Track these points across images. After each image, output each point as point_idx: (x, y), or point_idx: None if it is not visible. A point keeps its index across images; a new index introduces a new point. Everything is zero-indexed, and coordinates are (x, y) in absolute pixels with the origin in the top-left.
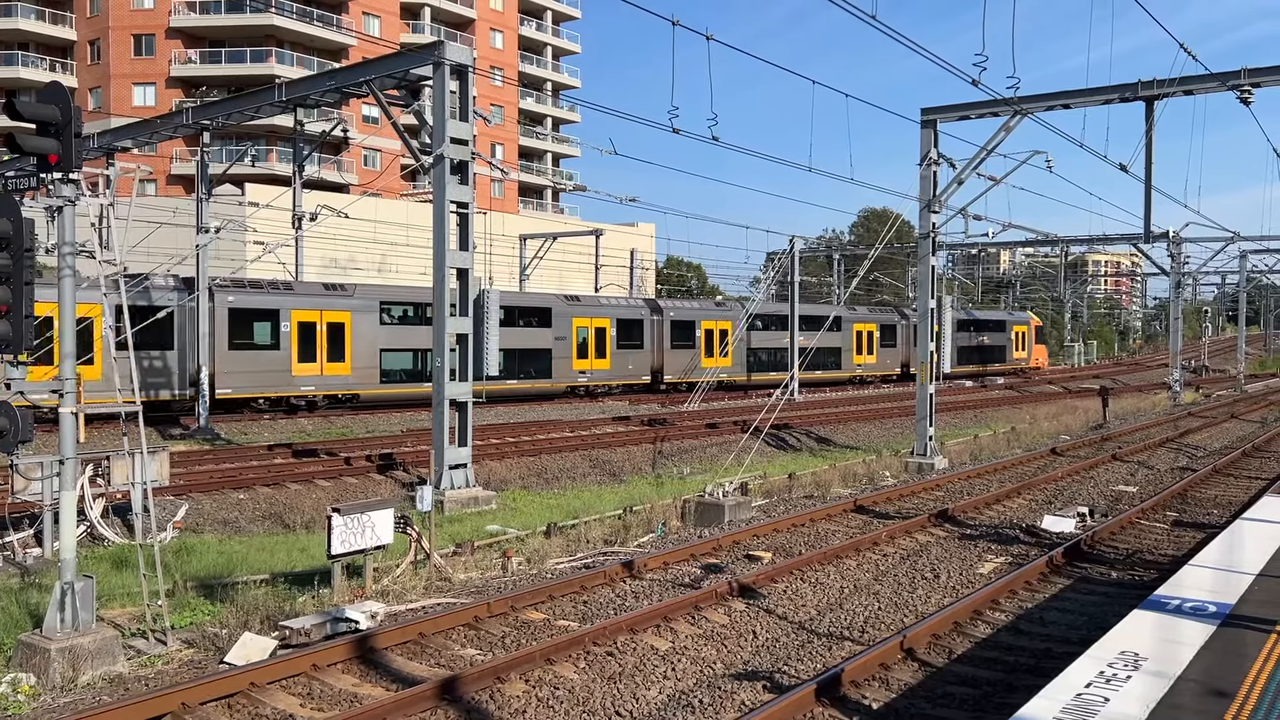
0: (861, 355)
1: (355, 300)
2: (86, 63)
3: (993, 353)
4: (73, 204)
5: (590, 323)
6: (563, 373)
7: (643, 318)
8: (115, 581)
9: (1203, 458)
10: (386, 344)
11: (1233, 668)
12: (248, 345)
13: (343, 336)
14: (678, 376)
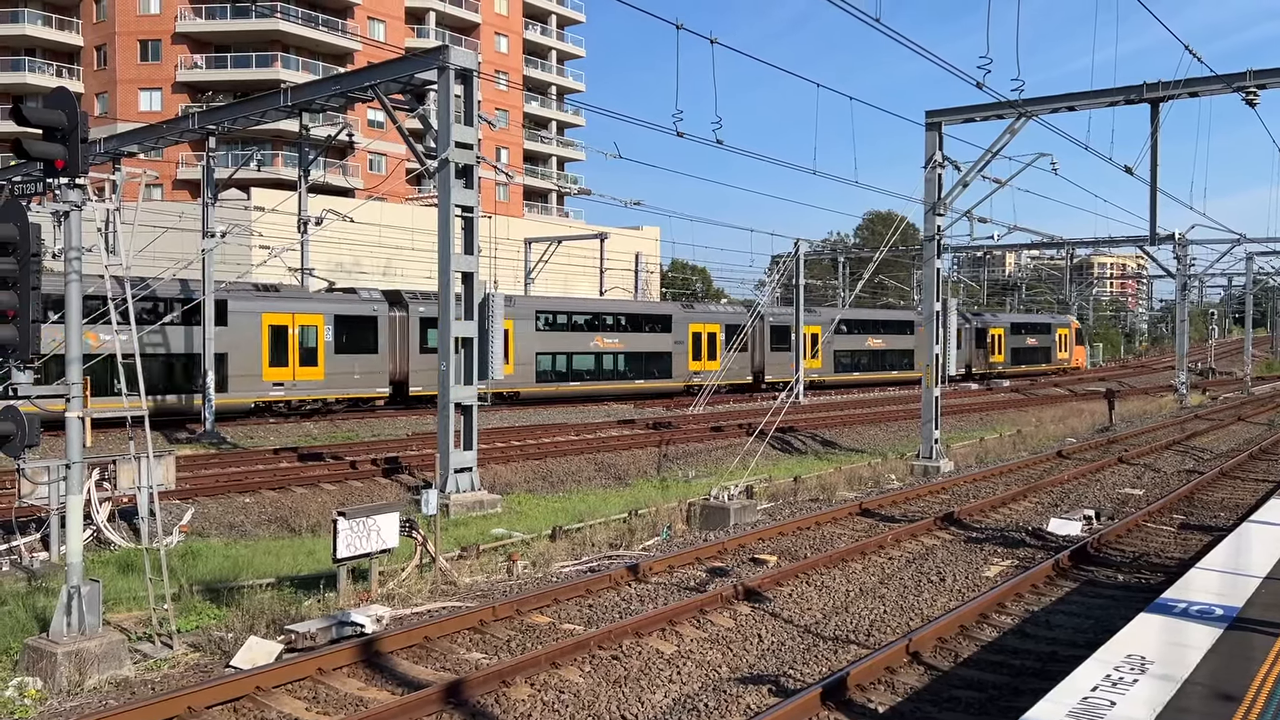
0: None
1: (517, 309)
2: (93, 68)
3: (1041, 353)
4: (79, 209)
5: (703, 328)
6: (680, 373)
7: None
8: (121, 585)
9: (1209, 460)
10: (541, 348)
11: (1240, 671)
12: (433, 350)
13: (508, 341)
14: (776, 377)
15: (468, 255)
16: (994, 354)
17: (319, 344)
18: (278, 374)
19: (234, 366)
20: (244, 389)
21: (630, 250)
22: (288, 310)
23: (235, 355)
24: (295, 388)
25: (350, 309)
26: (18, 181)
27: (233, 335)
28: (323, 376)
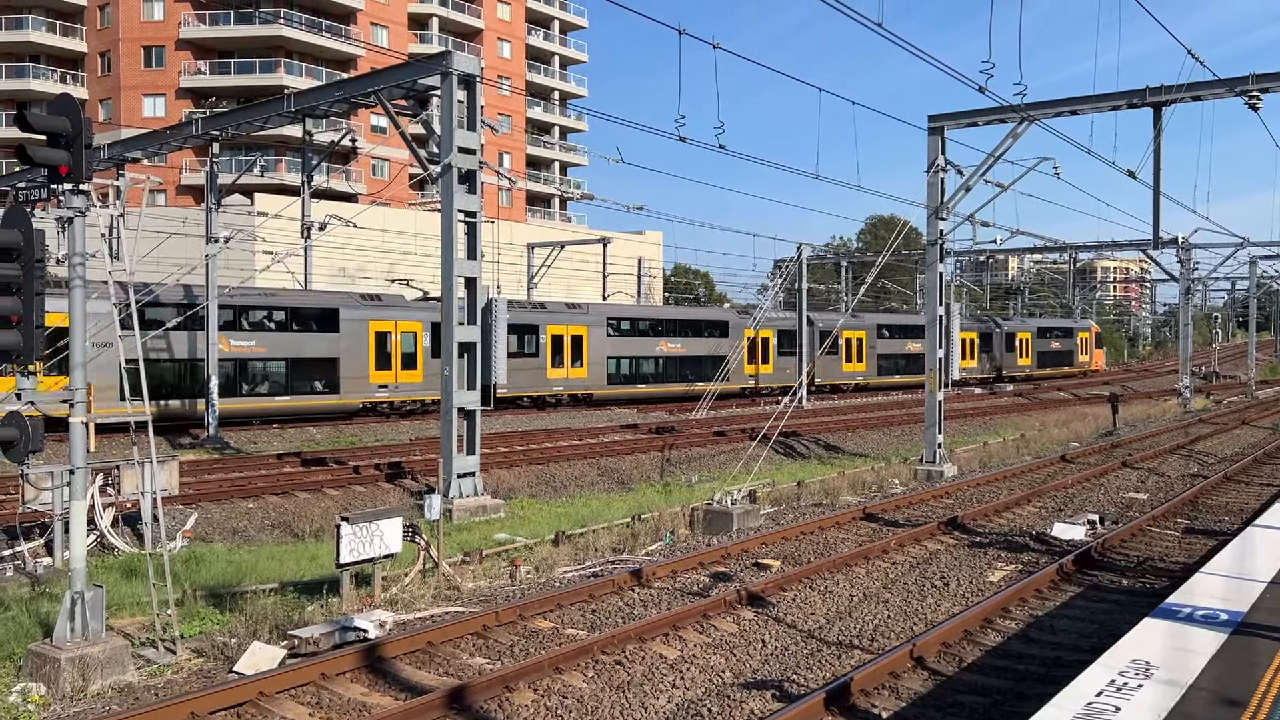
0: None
1: (590, 317)
2: (97, 74)
3: (1065, 357)
4: (83, 215)
5: (758, 334)
6: (737, 376)
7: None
8: (125, 591)
9: (1214, 464)
10: (612, 352)
11: (1245, 676)
12: (517, 354)
13: (581, 346)
14: (824, 380)
15: (471, 260)
16: (1022, 357)
17: (418, 349)
18: (383, 377)
19: (345, 370)
20: (354, 391)
21: (633, 255)
22: (391, 318)
23: (346, 360)
24: (398, 389)
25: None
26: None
27: (344, 342)
28: (421, 379)
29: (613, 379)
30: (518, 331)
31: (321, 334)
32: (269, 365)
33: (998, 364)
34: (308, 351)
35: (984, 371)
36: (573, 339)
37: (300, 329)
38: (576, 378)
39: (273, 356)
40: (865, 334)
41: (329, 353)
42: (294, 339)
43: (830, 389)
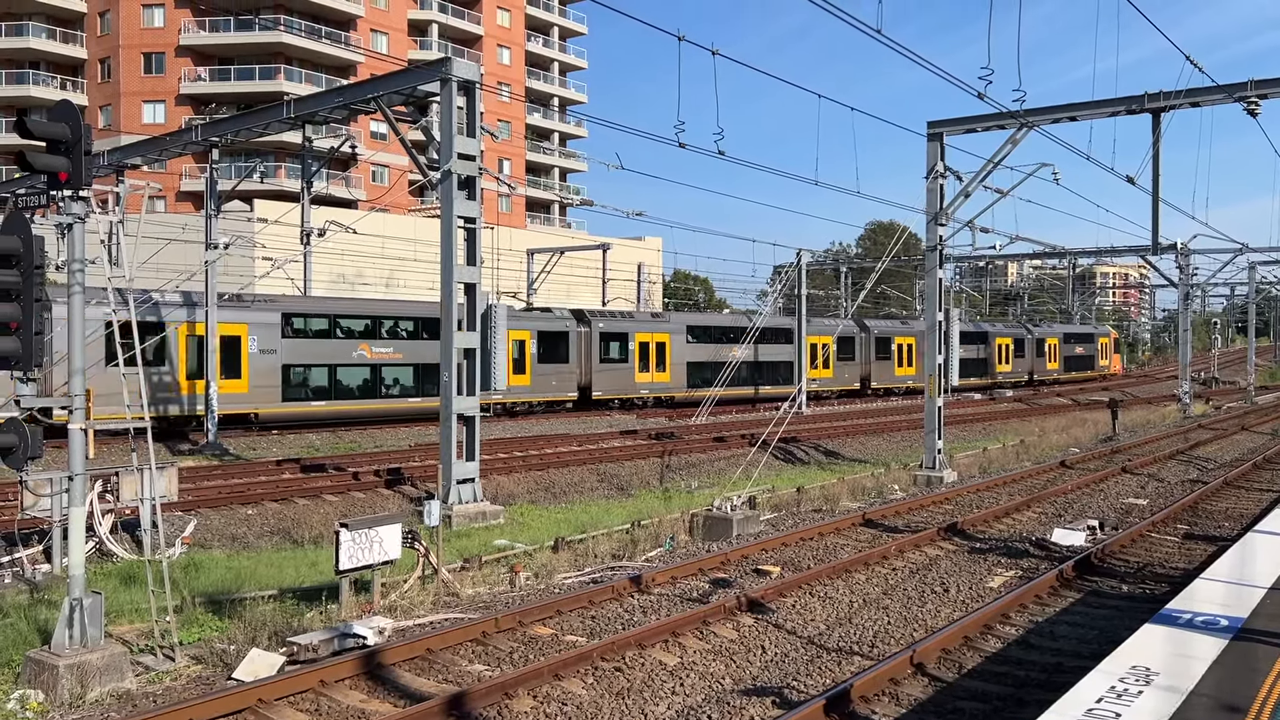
0: (1002, 364)
1: (671, 324)
2: (97, 81)
3: (1087, 361)
4: (82, 221)
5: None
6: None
7: (854, 335)
8: (124, 597)
9: (1213, 470)
10: (691, 358)
11: (1245, 682)
12: (609, 360)
13: (665, 352)
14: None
15: (470, 266)
16: (1051, 362)
17: (526, 356)
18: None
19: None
20: None
21: (633, 260)
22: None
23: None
24: (511, 392)
25: (549, 326)
26: (22, 194)
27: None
28: (530, 383)
29: (691, 382)
30: (610, 339)
31: None
32: (402, 370)
33: (1030, 368)
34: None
35: (1019, 376)
36: (657, 345)
37: (429, 337)
38: (660, 381)
39: (406, 362)
40: (915, 340)
41: None
42: (424, 346)
43: (885, 391)
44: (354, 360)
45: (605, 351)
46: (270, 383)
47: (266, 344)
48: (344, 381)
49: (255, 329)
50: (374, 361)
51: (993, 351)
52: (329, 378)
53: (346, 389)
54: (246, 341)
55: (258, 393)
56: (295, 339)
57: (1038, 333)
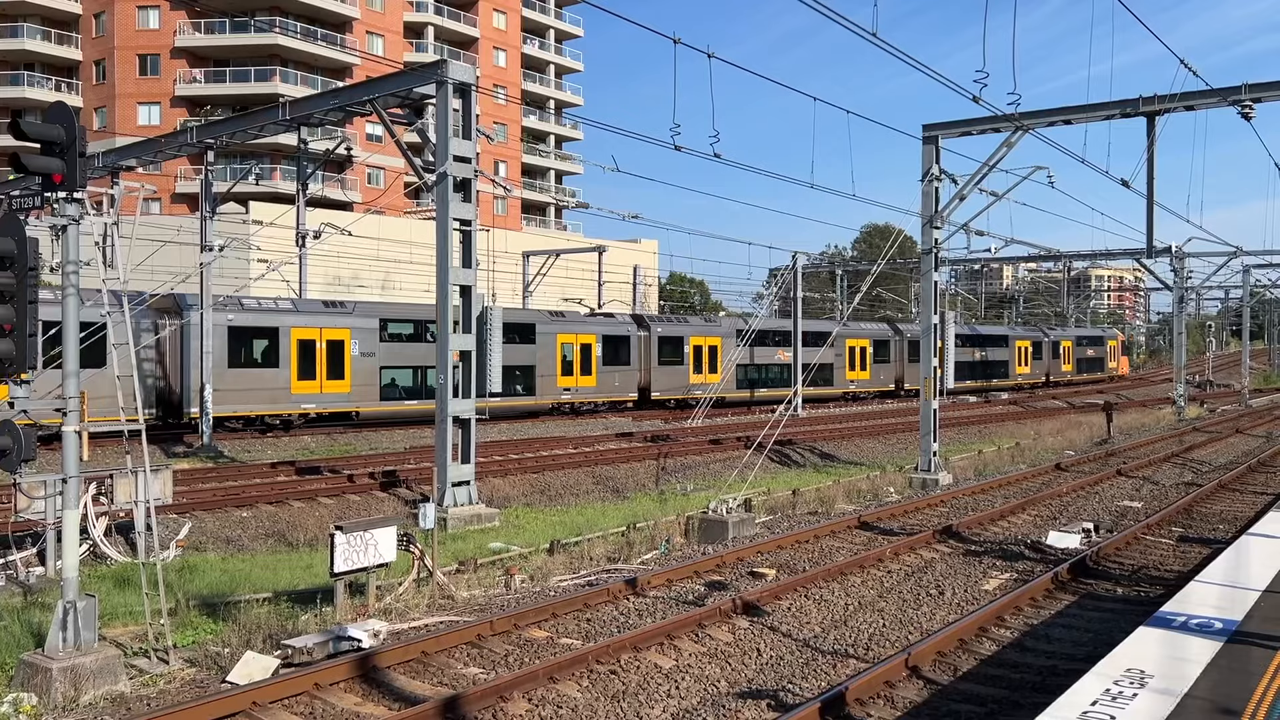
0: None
1: (722, 329)
2: (92, 82)
3: (1098, 363)
4: (77, 223)
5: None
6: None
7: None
8: (118, 600)
9: (1208, 473)
10: (740, 360)
11: (1240, 685)
12: (666, 362)
13: (716, 355)
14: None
15: (466, 268)
16: (1065, 364)
17: (592, 359)
18: (566, 381)
19: (540, 375)
20: (546, 393)
21: (628, 263)
22: (573, 331)
23: (541, 367)
24: (578, 392)
25: (613, 330)
26: (16, 196)
27: (540, 351)
28: (595, 384)
29: (740, 384)
30: (667, 343)
31: (523, 345)
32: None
33: (1047, 370)
34: (514, 360)
35: (1036, 377)
36: (709, 348)
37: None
38: (711, 382)
39: None
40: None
41: (529, 360)
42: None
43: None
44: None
45: (662, 354)
46: (370, 383)
47: (367, 348)
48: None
49: (357, 334)
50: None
51: (1013, 354)
52: (420, 379)
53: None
54: (349, 345)
55: (359, 392)
56: (391, 343)
57: (1053, 335)
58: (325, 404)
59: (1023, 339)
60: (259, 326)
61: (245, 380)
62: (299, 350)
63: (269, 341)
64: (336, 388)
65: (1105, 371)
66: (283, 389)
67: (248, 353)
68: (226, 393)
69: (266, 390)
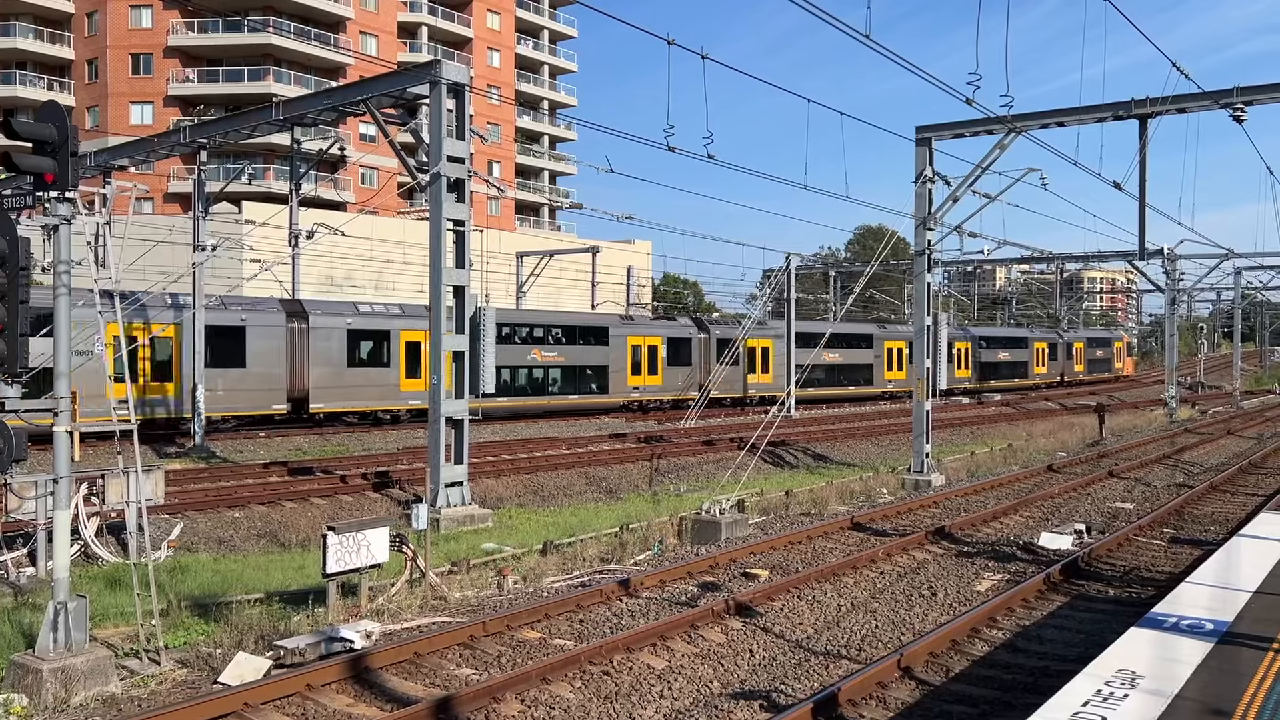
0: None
1: (773, 331)
2: (84, 82)
3: (1106, 363)
4: (69, 222)
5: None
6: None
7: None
8: (109, 601)
9: (1199, 474)
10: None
11: (1230, 686)
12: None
13: (769, 356)
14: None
15: (459, 269)
16: (1078, 364)
17: (659, 359)
18: (635, 381)
19: (612, 375)
20: (617, 391)
21: (622, 264)
22: (642, 334)
23: (613, 367)
24: (645, 391)
25: (676, 333)
26: (8, 195)
27: (613, 352)
28: (660, 383)
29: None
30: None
31: (597, 346)
32: (563, 370)
33: (1062, 370)
34: (589, 360)
35: (1052, 377)
36: (762, 350)
37: (584, 342)
38: (764, 382)
39: (568, 364)
40: (970, 344)
41: (602, 361)
42: (581, 350)
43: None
44: (528, 362)
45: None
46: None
47: None
48: (520, 381)
49: None
50: (544, 363)
51: (1031, 355)
52: (510, 377)
53: (522, 387)
54: None
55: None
56: None
57: (1067, 337)
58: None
59: (1040, 340)
60: (373, 330)
61: (361, 379)
62: (406, 351)
63: (381, 343)
64: None
65: (1113, 371)
66: (392, 387)
67: (363, 354)
68: (345, 390)
69: (378, 388)
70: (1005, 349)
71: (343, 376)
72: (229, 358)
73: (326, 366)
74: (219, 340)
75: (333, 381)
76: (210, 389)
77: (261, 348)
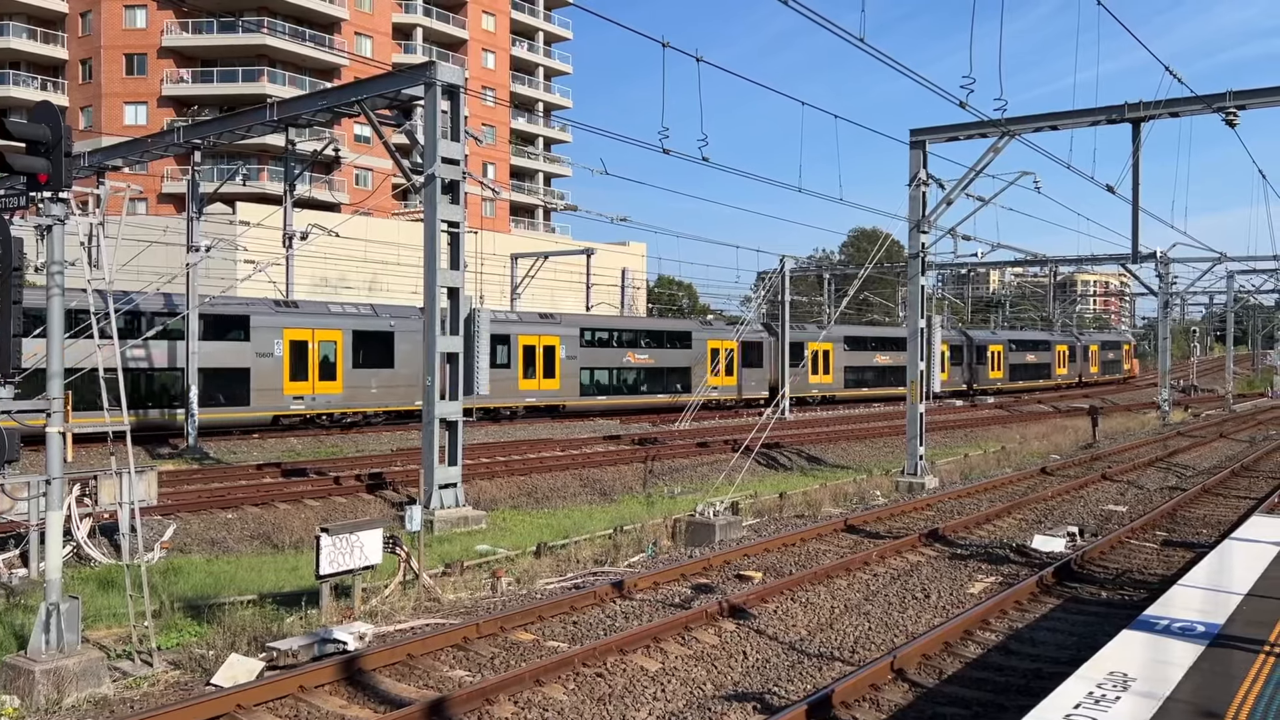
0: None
1: (833, 336)
2: (78, 82)
3: (1116, 365)
4: (62, 223)
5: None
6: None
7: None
8: (101, 602)
9: (1192, 477)
10: (847, 363)
11: (1221, 688)
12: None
13: (829, 359)
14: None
15: (454, 270)
16: (1092, 366)
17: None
18: (714, 381)
19: (694, 376)
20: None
21: (617, 266)
22: (720, 338)
23: (695, 369)
24: (723, 390)
25: (750, 336)
26: (1, 195)
27: (695, 354)
28: (735, 383)
29: (848, 384)
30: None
31: (682, 350)
32: (652, 371)
33: (1079, 371)
34: (674, 362)
35: (1071, 378)
36: (823, 353)
37: (670, 346)
38: (826, 382)
39: (656, 366)
40: (1002, 346)
41: (686, 363)
42: (668, 353)
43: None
44: (623, 364)
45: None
46: (573, 382)
47: (571, 352)
48: (616, 380)
49: (565, 340)
50: (636, 365)
51: (1054, 357)
52: (608, 378)
53: (617, 386)
54: (559, 349)
55: (565, 389)
56: (588, 347)
57: (1084, 340)
58: (543, 398)
59: (1061, 344)
60: (498, 334)
61: None
62: (524, 354)
63: (504, 346)
64: (550, 385)
65: (1122, 373)
66: (512, 385)
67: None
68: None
69: (501, 386)
70: (1032, 352)
71: None
72: (380, 360)
73: None
74: (371, 344)
75: None
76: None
77: (407, 350)
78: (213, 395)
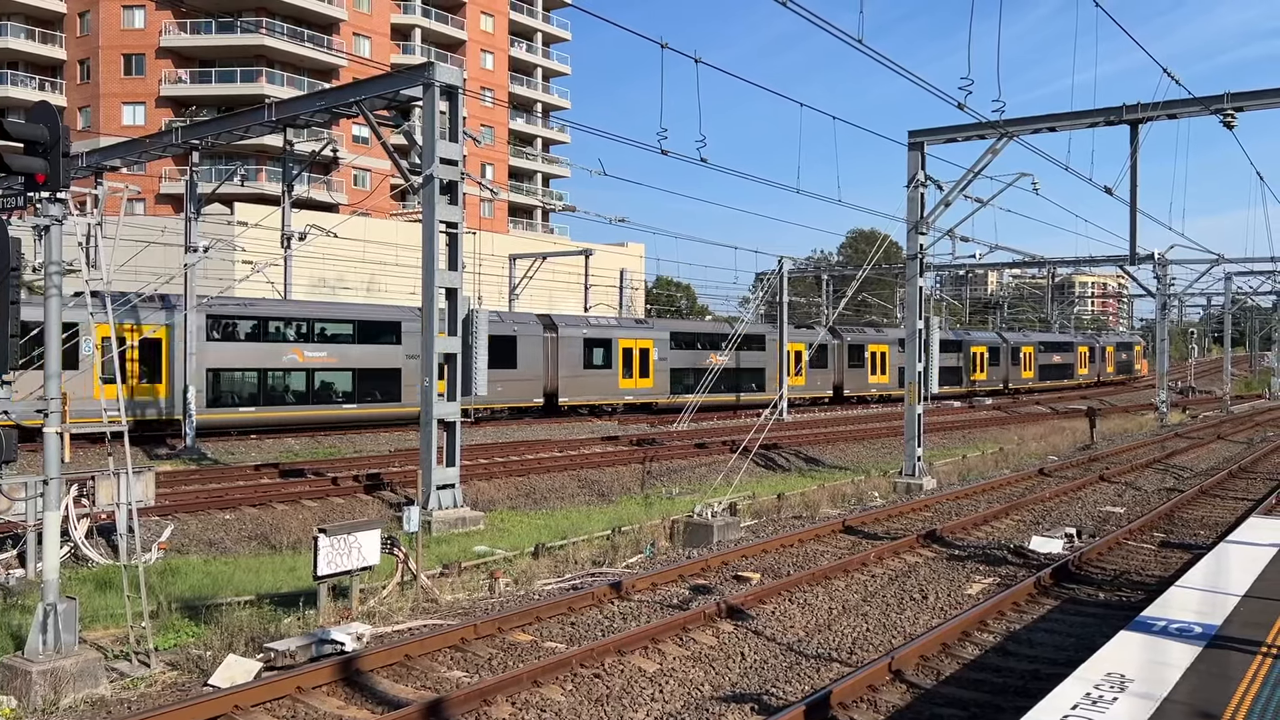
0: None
1: (888, 338)
2: (76, 82)
3: (1128, 365)
4: (60, 223)
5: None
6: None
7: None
8: (99, 603)
9: (1189, 479)
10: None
11: (1219, 689)
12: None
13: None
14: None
15: (452, 271)
16: (1109, 366)
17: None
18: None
19: (768, 376)
20: (771, 389)
21: (615, 267)
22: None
23: (769, 369)
24: (794, 390)
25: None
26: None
27: (768, 355)
28: (804, 383)
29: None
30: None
31: (758, 352)
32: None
33: (1098, 372)
34: (751, 363)
35: (1091, 378)
36: (880, 354)
37: (747, 348)
38: (882, 382)
39: (735, 367)
40: (1033, 348)
41: (761, 364)
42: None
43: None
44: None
45: (850, 359)
46: (664, 381)
47: (662, 354)
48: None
49: (657, 344)
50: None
51: (1076, 358)
52: (693, 378)
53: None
54: (653, 352)
55: (658, 388)
56: (676, 349)
57: (1102, 341)
58: (638, 396)
59: (1083, 345)
60: (600, 338)
61: (592, 378)
62: (622, 356)
63: (606, 349)
64: (644, 384)
65: (1133, 373)
66: (612, 385)
67: (594, 358)
68: (580, 387)
69: (603, 385)
70: (1058, 353)
71: (580, 376)
72: (505, 361)
73: (570, 368)
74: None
75: (573, 380)
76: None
77: (527, 353)
78: (369, 393)
